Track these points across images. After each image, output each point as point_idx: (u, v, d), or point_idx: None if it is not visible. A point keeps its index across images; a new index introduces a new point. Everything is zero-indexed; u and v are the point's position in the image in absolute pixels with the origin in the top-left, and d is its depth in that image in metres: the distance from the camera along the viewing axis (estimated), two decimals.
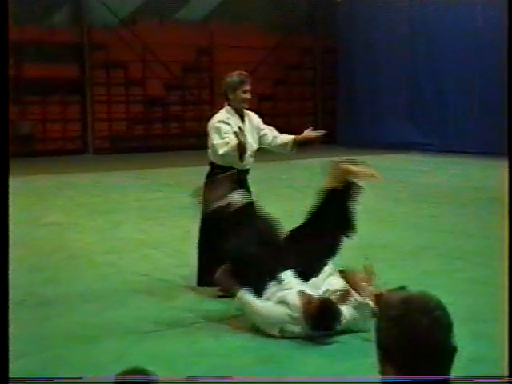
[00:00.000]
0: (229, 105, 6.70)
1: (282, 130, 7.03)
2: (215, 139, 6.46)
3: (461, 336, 5.12)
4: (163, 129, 21.80)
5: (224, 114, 6.66)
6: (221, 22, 21.74)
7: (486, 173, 14.93)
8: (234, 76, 6.81)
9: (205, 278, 6.22)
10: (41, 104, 19.94)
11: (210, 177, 6.54)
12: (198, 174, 14.32)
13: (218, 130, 6.49)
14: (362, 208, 9.71)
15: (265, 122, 6.94)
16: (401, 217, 10.14)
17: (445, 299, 1.88)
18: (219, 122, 6.56)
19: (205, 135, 6.78)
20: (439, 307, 1.86)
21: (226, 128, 6.49)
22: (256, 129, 6.74)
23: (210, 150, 6.60)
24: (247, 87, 6.71)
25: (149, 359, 4.65)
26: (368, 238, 8.49)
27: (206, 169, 6.63)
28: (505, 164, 15.04)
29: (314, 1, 23.54)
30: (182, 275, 6.78)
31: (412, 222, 9.80)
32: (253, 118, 6.79)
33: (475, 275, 6.81)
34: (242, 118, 6.68)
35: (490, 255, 7.66)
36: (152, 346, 5.10)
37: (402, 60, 20.20)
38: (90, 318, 5.67)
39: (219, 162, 6.51)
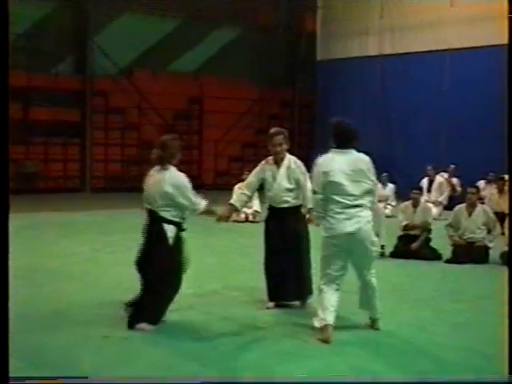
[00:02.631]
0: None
1: None
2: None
3: None
4: None
5: (262, 162, 7.00)
6: (210, 75, 21.90)
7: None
8: (270, 131, 6.92)
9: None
10: (44, 145, 19.88)
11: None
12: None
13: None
14: None
15: (248, 167, 7.19)
16: None
17: None
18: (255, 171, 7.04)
19: (193, 177, 6.94)
20: None
21: (247, 180, 7.14)
22: (293, 173, 6.77)
23: None
24: (274, 142, 6.77)
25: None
26: None
27: None
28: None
29: (295, 59, 23.79)
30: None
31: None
32: (292, 163, 6.80)
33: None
34: (276, 162, 6.80)
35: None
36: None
37: (375, 117, 20.35)
38: None
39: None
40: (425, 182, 16.24)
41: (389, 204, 15.53)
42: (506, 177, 14.63)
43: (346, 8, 21.47)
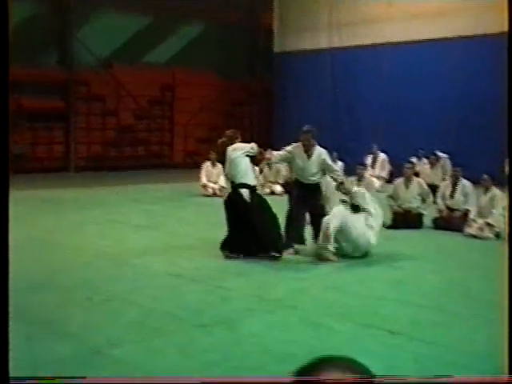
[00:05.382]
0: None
1: None
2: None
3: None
4: (132, 151, 21.54)
5: (293, 145, 7.96)
6: (180, 66, 21.64)
7: None
8: (303, 129, 7.94)
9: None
10: (32, 130, 19.46)
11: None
12: (155, 191, 14.36)
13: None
14: None
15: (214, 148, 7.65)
16: None
17: None
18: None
19: (165, 157, 6.95)
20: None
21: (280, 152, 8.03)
22: (319, 159, 7.78)
23: None
24: (302, 138, 7.83)
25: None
26: None
27: (165, 186, 6.52)
28: None
29: (254, 51, 23.71)
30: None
31: None
32: (319, 152, 7.82)
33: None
34: (306, 152, 7.79)
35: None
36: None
37: (326, 103, 20.38)
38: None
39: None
40: (369, 159, 16.33)
41: None
42: (439, 153, 14.84)
43: (299, 5, 21.38)
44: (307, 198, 7.81)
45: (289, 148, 7.97)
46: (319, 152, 7.84)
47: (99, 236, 8.89)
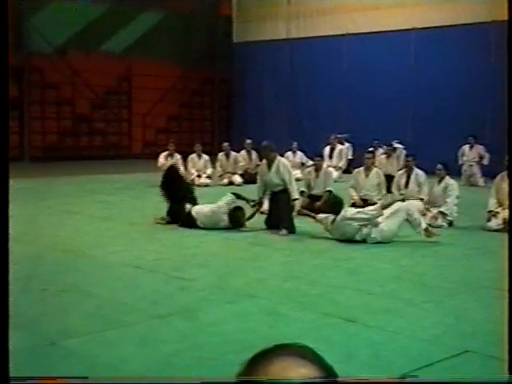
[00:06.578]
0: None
1: (186, 145, 7.38)
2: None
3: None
4: (88, 141, 21.26)
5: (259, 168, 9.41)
6: (137, 55, 21.42)
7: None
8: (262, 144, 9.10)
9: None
10: None
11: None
12: (113, 182, 14.21)
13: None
14: None
15: (172, 138, 7.39)
16: None
17: None
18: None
19: (124, 147, 6.81)
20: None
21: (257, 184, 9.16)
22: (277, 171, 8.69)
23: None
24: (261, 154, 9.33)
25: None
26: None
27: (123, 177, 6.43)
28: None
29: (213, 41, 23.58)
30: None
31: None
32: (278, 165, 8.74)
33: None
34: (268, 165, 8.78)
35: None
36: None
37: (285, 93, 20.44)
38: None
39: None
40: (327, 149, 16.45)
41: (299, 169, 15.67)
42: (396, 144, 15.05)
43: None
44: (279, 200, 8.73)
45: (258, 171, 9.15)
46: (278, 165, 8.71)
47: (55, 227, 8.78)
